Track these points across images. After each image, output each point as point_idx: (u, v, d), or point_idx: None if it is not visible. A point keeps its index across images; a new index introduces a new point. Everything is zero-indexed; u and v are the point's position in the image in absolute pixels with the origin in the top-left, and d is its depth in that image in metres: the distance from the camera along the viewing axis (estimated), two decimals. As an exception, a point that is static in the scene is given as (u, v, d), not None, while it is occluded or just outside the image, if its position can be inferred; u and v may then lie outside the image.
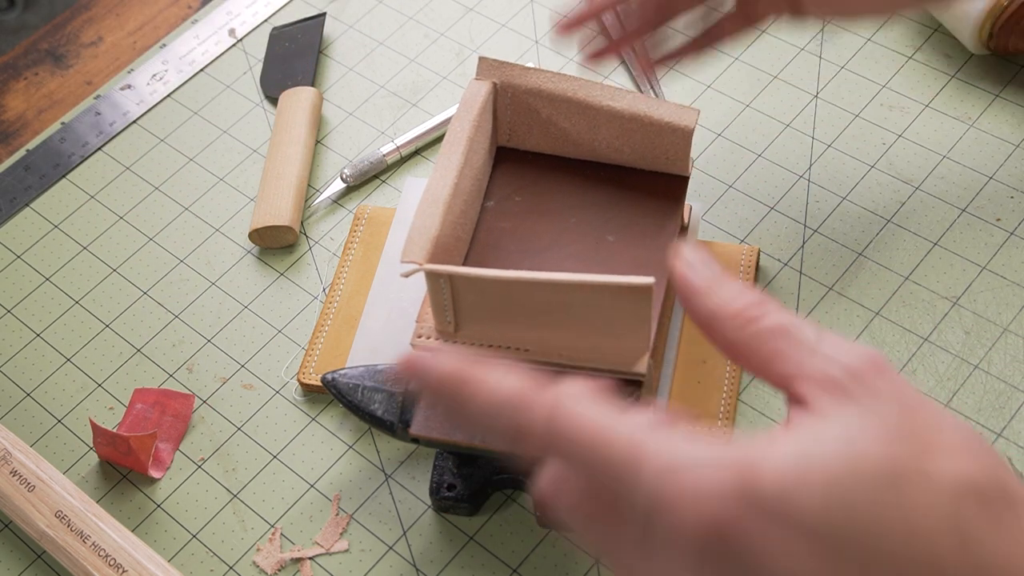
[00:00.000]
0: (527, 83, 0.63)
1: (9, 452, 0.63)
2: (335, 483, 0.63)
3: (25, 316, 0.72)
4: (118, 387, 0.68)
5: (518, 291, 0.55)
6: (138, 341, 0.70)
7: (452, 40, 0.82)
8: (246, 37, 0.84)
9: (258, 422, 0.66)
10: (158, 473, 0.65)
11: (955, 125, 0.72)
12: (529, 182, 0.65)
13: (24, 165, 0.79)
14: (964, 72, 0.74)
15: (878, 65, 0.76)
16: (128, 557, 0.59)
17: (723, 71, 0.77)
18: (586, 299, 0.54)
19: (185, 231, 0.74)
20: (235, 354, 0.69)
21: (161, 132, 0.80)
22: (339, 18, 0.84)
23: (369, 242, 0.70)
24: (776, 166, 0.72)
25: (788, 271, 0.67)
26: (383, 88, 0.80)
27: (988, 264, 0.66)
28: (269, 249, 0.73)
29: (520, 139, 0.66)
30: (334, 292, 0.69)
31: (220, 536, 0.62)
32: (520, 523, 0.60)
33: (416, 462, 0.63)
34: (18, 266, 0.74)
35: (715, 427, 0.61)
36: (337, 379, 0.60)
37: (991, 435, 0.60)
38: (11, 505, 0.62)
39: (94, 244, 0.75)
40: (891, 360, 0.63)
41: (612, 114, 0.62)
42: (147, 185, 0.77)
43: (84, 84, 0.84)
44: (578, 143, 0.64)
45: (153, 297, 0.72)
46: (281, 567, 0.61)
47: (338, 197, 0.75)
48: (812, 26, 0.65)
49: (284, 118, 0.76)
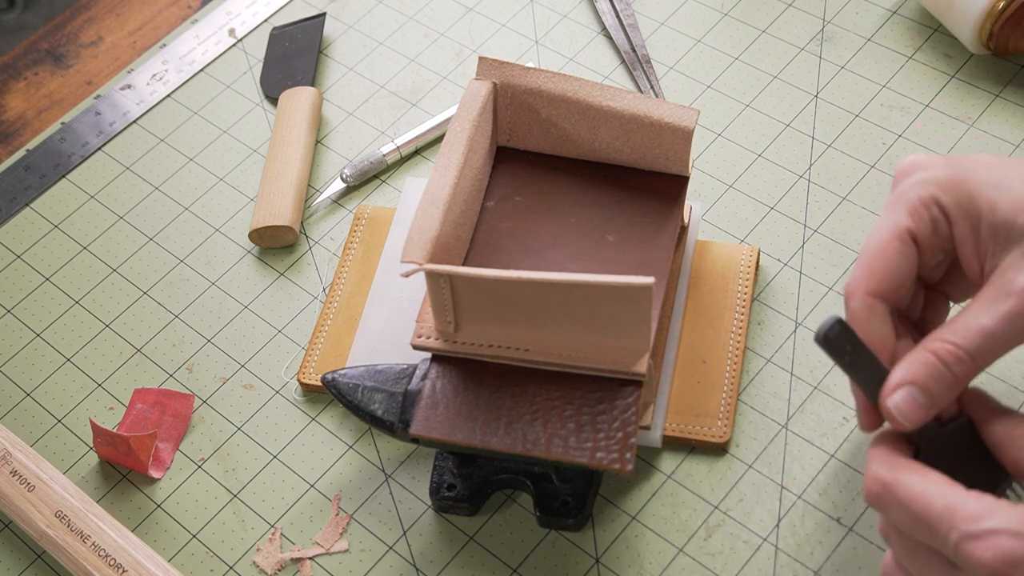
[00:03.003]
0: (527, 83, 0.63)
1: (9, 452, 0.63)
2: (335, 483, 0.63)
3: (25, 316, 0.72)
4: (118, 387, 0.68)
5: (518, 291, 0.55)
6: (138, 341, 0.70)
7: (452, 40, 0.82)
8: (246, 37, 0.84)
9: (258, 422, 0.66)
10: (158, 473, 0.65)
11: (955, 125, 0.72)
12: (529, 182, 0.65)
13: (24, 165, 0.79)
14: (964, 72, 0.74)
15: (878, 65, 0.76)
16: (128, 557, 0.59)
17: (723, 71, 0.77)
18: (586, 299, 0.54)
19: (185, 231, 0.75)
20: (235, 354, 0.69)
21: (161, 132, 0.80)
22: (339, 18, 0.84)
23: (369, 242, 0.70)
24: (776, 166, 0.72)
25: (788, 271, 0.67)
26: (383, 88, 0.80)
27: (988, 264, 0.66)
28: (269, 249, 0.73)
29: (520, 139, 0.66)
30: (334, 292, 0.69)
31: (220, 536, 0.62)
32: (520, 523, 0.60)
33: (416, 462, 0.63)
34: (18, 266, 0.74)
35: (715, 426, 0.61)
36: (337, 379, 0.60)
37: (991, 435, 0.60)
38: (11, 505, 0.62)
39: (94, 244, 0.75)
40: None
41: (612, 114, 0.62)
42: (147, 185, 0.77)
43: (84, 84, 0.84)
44: (578, 143, 0.64)
45: (153, 297, 0.72)
46: (281, 567, 0.61)
47: (338, 197, 0.75)
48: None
49: (284, 118, 0.76)
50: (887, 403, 0.50)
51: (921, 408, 0.49)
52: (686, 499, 0.60)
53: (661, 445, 0.61)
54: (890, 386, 0.50)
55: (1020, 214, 0.49)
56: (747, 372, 0.64)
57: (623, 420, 0.55)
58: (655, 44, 0.79)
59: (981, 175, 0.50)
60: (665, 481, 0.61)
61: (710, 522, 0.59)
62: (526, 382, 0.57)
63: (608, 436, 0.55)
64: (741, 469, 0.61)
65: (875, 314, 0.51)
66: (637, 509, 0.60)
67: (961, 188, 0.50)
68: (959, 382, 0.49)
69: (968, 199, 0.50)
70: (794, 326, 0.65)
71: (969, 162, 0.51)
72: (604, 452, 0.54)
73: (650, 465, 0.61)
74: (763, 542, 0.58)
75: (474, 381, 0.57)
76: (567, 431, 0.55)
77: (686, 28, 0.79)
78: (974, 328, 0.49)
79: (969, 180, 0.50)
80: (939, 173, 0.51)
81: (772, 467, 0.61)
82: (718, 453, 0.61)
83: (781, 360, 0.64)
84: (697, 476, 0.61)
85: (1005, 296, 0.48)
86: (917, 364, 0.49)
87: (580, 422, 0.55)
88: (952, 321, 0.50)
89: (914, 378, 0.49)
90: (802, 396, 0.63)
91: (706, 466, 0.61)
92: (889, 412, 0.50)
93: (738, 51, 0.78)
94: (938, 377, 0.49)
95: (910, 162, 0.52)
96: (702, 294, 0.65)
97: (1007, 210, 0.49)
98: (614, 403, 0.56)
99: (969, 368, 0.49)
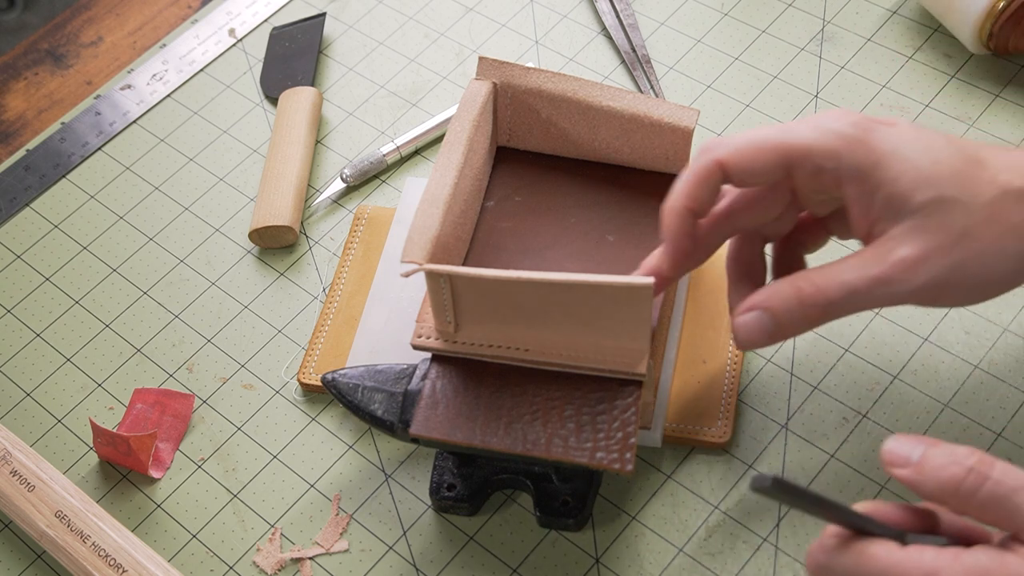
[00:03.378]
0: (527, 83, 0.63)
1: (9, 452, 0.63)
2: (335, 483, 0.63)
3: (25, 316, 0.72)
4: (118, 387, 0.68)
5: (518, 291, 0.55)
6: (138, 341, 0.70)
7: (452, 40, 0.82)
8: (246, 37, 0.84)
9: (258, 422, 0.66)
10: (158, 473, 0.65)
11: (955, 125, 0.72)
12: (529, 182, 0.65)
13: (24, 165, 0.79)
14: (964, 72, 0.74)
15: (878, 65, 0.76)
16: (128, 557, 0.59)
17: (723, 71, 0.77)
18: (586, 299, 0.54)
19: (185, 231, 0.75)
20: (235, 354, 0.69)
21: (161, 132, 0.80)
22: (339, 18, 0.84)
23: (369, 242, 0.70)
24: (776, 166, 0.72)
25: (788, 271, 0.67)
26: (383, 88, 0.80)
27: (988, 264, 0.66)
28: (269, 249, 0.73)
29: (520, 139, 0.66)
30: (334, 292, 0.69)
31: (220, 536, 0.62)
32: (520, 523, 0.60)
33: (416, 462, 0.63)
34: (18, 266, 0.74)
35: (715, 426, 0.61)
36: (337, 379, 0.60)
37: (991, 435, 0.60)
38: (11, 505, 0.62)
39: (94, 244, 0.75)
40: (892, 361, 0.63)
41: (612, 114, 0.62)
42: (147, 185, 0.77)
43: (84, 84, 0.84)
44: (578, 143, 0.64)
45: (153, 297, 0.72)
46: (281, 567, 0.61)
47: (338, 197, 0.75)
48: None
49: (284, 118, 0.76)
50: (735, 319, 0.53)
51: (765, 333, 0.52)
52: (686, 499, 0.60)
53: (661, 445, 0.61)
54: (745, 305, 0.52)
55: (918, 192, 0.50)
56: (747, 372, 0.64)
57: (623, 420, 0.55)
58: (655, 44, 0.79)
59: (894, 145, 0.51)
60: (665, 481, 0.61)
61: (710, 522, 0.59)
62: (526, 382, 0.57)
63: (608, 436, 0.55)
64: (741, 469, 0.61)
65: (708, 175, 0.53)
66: (637, 509, 0.60)
67: (869, 155, 0.51)
68: (807, 322, 0.52)
69: (873, 166, 0.51)
70: (794, 326, 0.65)
71: (888, 131, 0.52)
72: (604, 452, 0.54)
73: (650, 465, 0.61)
74: (763, 542, 0.58)
75: (474, 381, 0.57)
76: (567, 431, 0.55)
77: (686, 28, 0.79)
78: (841, 281, 0.51)
79: (880, 148, 0.51)
80: (853, 132, 0.52)
81: (772, 467, 0.61)
82: (718, 453, 0.61)
83: (781, 360, 0.64)
84: (697, 476, 0.61)
85: (880, 262, 0.50)
86: (778, 295, 0.52)
87: (580, 422, 0.55)
88: (827, 266, 0.52)
89: (769, 305, 0.52)
90: (802, 396, 0.63)
91: (706, 466, 0.61)
92: (735, 329, 0.53)
93: (738, 51, 0.78)
94: (791, 312, 0.52)
95: (833, 113, 0.53)
96: (702, 294, 0.65)
97: (907, 185, 0.50)
98: (614, 403, 0.56)
99: (821, 314, 0.52)
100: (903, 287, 0.50)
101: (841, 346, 0.64)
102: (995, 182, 0.51)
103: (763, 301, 0.52)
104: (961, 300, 0.52)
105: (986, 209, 0.50)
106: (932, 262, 0.50)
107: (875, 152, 0.51)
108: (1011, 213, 0.50)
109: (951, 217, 0.50)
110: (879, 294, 0.51)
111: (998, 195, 0.50)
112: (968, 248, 0.50)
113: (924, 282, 0.50)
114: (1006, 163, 0.52)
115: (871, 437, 0.61)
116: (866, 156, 0.51)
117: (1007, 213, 0.50)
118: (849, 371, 0.63)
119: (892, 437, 0.47)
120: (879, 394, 0.62)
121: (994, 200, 0.50)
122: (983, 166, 0.51)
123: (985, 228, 0.50)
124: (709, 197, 0.54)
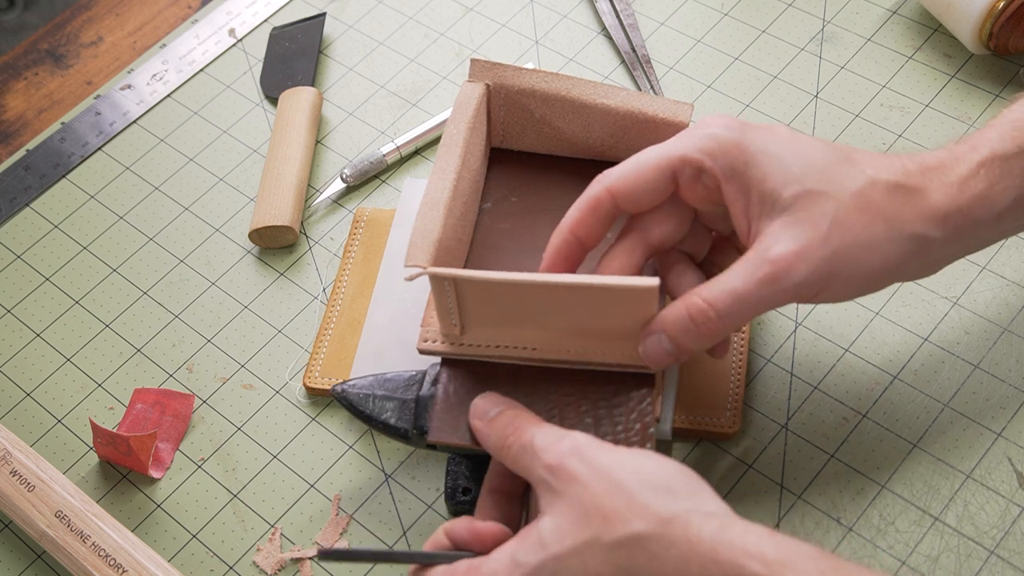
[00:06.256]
0: (520, 83, 0.63)
1: (9, 452, 0.63)
2: (335, 483, 0.63)
3: (25, 316, 0.72)
4: (118, 387, 0.68)
5: (523, 293, 0.54)
6: (138, 341, 0.70)
7: (452, 40, 0.82)
8: (246, 37, 0.84)
9: (258, 422, 0.66)
10: (158, 473, 0.65)
11: (955, 125, 0.72)
12: (524, 182, 0.65)
13: (24, 165, 0.79)
14: (964, 72, 0.74)
15: (878, 65, 0.76)
16: (128, 557, 0.59)
17: (723, 71, 0.77)
18: (592, 300, 0.54)
19: (185, 231, 0.75)
20: (235, 354, 0.69)
21: (161, 132, 0.80)
22: (339, 18, 0.84)
23: (369, 244, 0.70)
24: (776, 166, 0.72)
25: (788, 271, 0.67)
26: (383, 88, 0.80)
27: (988, 264, 0.66)
28: (269, 249, 0.73)
29: (514, 139, 0.66)
30: (336, 295, 0.69)
31: (220, 536, 0.62)
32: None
33: (416, 462, 0.63)
34: (18, 266, 0.74)
35: (724, 417, 0.61)
36: (347, 391, 0.59)
37: (991, 435, 0.60)
38: (11, 505, 0.62)
39: (94, 244, 0.75)
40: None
41: (606, 112, 0.62)
42: (147, 185, 0.77)
43: (84, 84, 0.84)
44: (572, 142, 0.64)
45: (153, 297, 0.72)
46: (281, 567, 0.61)
47: (338, 197, 0.75)
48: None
49: (284, 118, 0.76)
50: (640, 348, 0.54)
51: (667, 355, 0.53)
52: (686, 499, 0.60)
53: (671, 437, 0.61)
54: (647, 329, 0.54)
55: (787, 188, 0.51)
56: (747, 372, 0.64)
57: (640, 411, 0.55)
58: (655, 44, 0.79)
59: (764, 145, 0.53)
60: (665, 481, 0.61)
61: (710, 522, 0.59)
62: (538, 382, 0.57)
63: (627, 428, 0.55)
64: (741, 469, 0.61)
65: (597, 204, 0.55)
66: (637, 509, 0.60)
67: (740, 155, 0.52)
68: (705, 337, 0.53)
69: (745, 165, 0.52)
70: (794, 326, 0.65)
71: (760, 132, 0.53)
72: (624, 444, 0.54)
73: (650, 465, 0.61)
74: (763, 542, 0.58)
75: (486, 383, 0.57)
76: (585, 426, 0.55)
77: (686, 28, 0.80)
78: (727, 290, 0.52)
79: (751, 149, 0.52)
80: (727, 134, 0.53)
81: (772, 467, 0.61)
82: (718, 453, 0.61)
83: (781, 360, 0.64)
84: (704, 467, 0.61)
85: (760, 263, 0.51)
86: (671, 316, 0.53)
87: (598, 416, 0.55)
88: (717, 278, 0.52)
89: (664, 327, 0.53)
90: (802, 396, 0.63)
91: (707, 466, 0.61)
92: (642, 355, 0.54)
93: (738, 51, 0.78)
94: (684, 330, 0.52)
95: (711, 119, 0.55)
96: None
97: (777, 182, 0.52)
98: (629, 395, 0.56)
99: (716, 325, 0.52)
100: (786, 283, 0.51)
101: (841, 346, 0.64)
102: (863, 175, 0.52)
103: (659, 324, 0.53)
104: (845, 292, 0.53)
105: (854, 199, 0.51)
106: (809, 255, 0.51)
107: (747, 152, 0.52)
108: (879, 202, 0.51)
109: (820, 209, 0.51)
110: (767, 294, 0.51)
111: (866, 184, 0.51)
112: (840, 238, 0.51)
113: (805, 276, 0.51)
114: (875, 161, 0.53)
115: (871, 437, 0.61)
116: (739, 156, 0.53)
117: (876, 202, 0.51)
118: (849, 371, 0.63)
119: (481, 395, 0.55)
120: (879, 394, 0.62)
121: (862, 190, 0.51)
122: (853, 163, 0.52)
123: (855, 216, 0.51)
124: (597, 225, 0.56)
